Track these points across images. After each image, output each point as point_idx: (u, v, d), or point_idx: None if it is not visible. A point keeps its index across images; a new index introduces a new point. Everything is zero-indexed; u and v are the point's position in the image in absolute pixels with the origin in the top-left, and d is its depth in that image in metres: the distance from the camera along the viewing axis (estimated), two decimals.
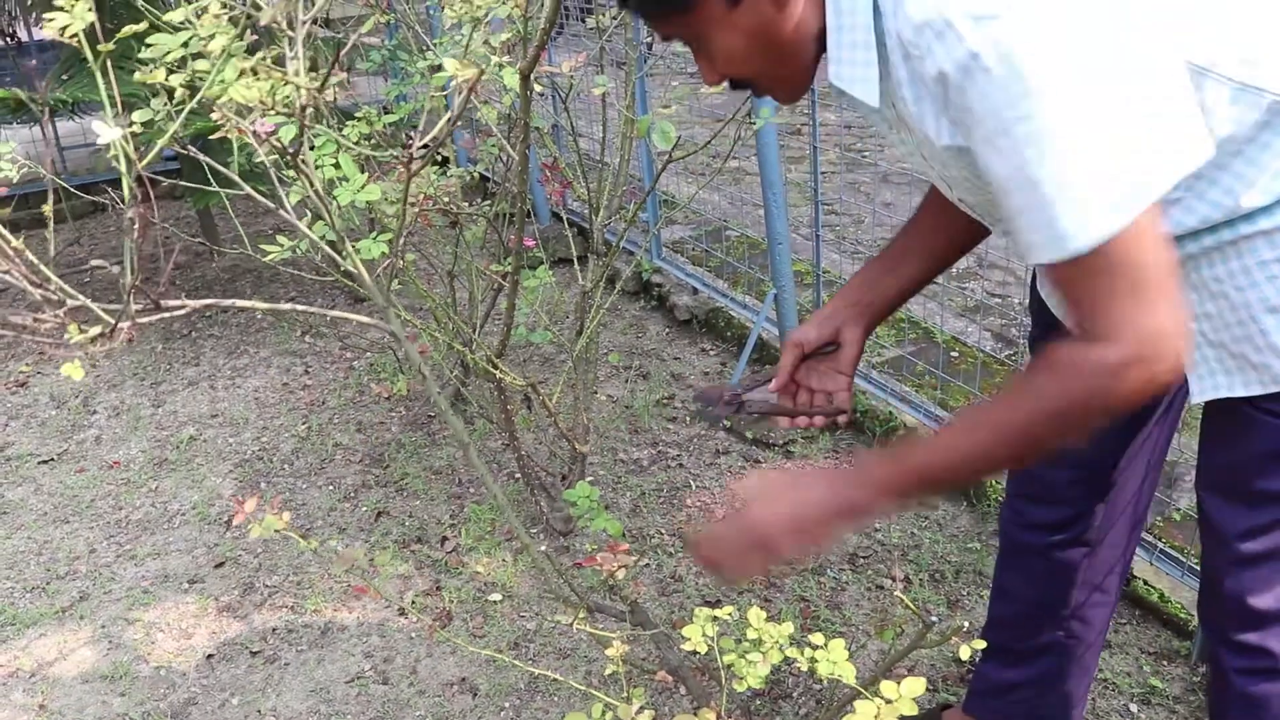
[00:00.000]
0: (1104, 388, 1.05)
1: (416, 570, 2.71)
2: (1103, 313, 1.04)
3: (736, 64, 1.19)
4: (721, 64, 1.20)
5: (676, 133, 2.03)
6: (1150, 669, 2.23)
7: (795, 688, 2.25)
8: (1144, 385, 1.04)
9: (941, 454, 1.16)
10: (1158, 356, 1.03)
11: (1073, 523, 1.67)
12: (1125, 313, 1.03)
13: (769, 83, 1.23)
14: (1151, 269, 1.02)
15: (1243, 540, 1.35)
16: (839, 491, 1.19)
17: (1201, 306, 1.25)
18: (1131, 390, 1.05)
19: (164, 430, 3.53)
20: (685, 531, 1.20)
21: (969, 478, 1.16)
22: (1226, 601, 1.41)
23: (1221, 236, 1.19)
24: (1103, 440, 1.57)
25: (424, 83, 2.67)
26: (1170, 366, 1.04)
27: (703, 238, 4.40)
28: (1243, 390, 1.25)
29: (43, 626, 2.61)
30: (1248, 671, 1.43)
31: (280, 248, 2.12)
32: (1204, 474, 1.42)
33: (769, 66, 1.19)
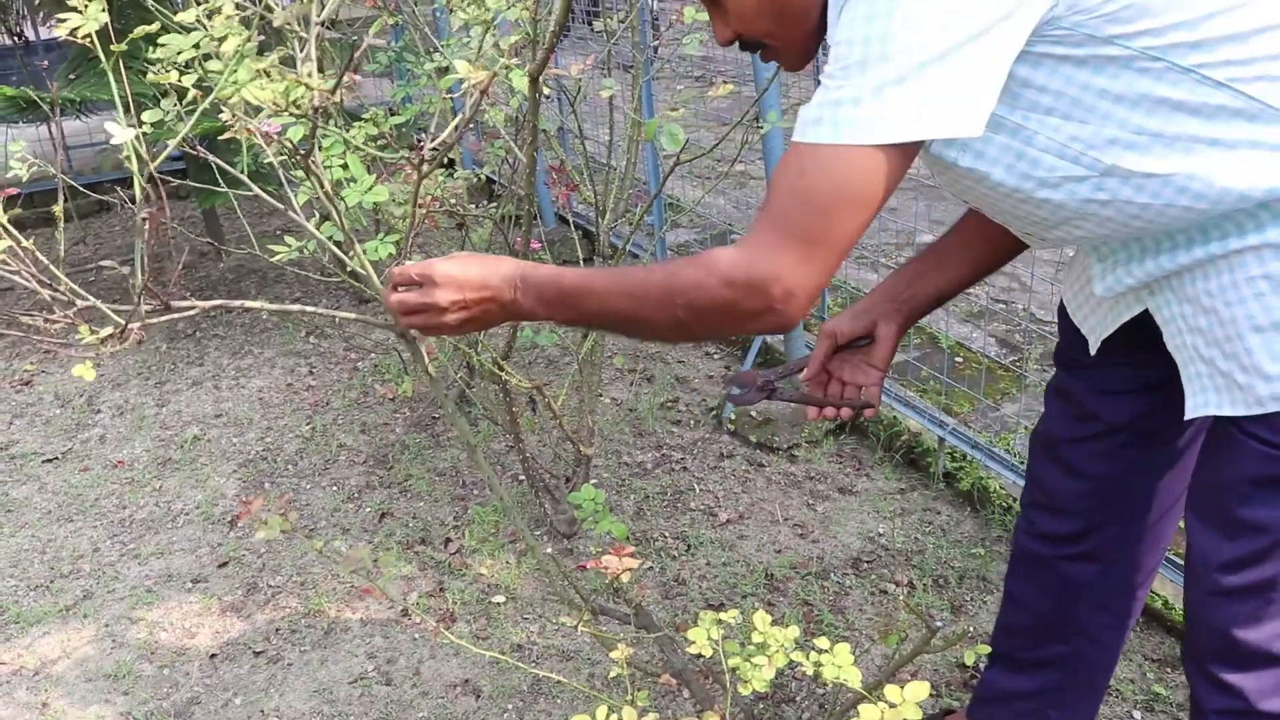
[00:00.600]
0: (702, 288, 1.11)
1: (420, 571, 2.71)
2: (758, 221, 1.10)
3: (748, 20, 1.25)
4: (734, 20, 1.26)
5: (684, 136, 2.03)
6: (1154, 676, 2.23)
7: (799, 691, 2.25)
8: (737, 311, 1.10)
9: (585, 284, 1.20)
10: (761, 294, 1.07)
11: (1082, 537, 1.65)
12: (766, 238, 1.08)
13: (777, 44, 1.28)
14: (829, 218, 1.05)
15: (1222, 572, 1.31)
16: (502, 282, 1.23)
17: (1194, 320, 1.24)
18: (725, 306, 1.10)
19: (168, 430, 3.53)
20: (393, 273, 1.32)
21: (600, 321, 1.21)
22: (1206, 635, 1.37)
23: (1212, 250, 1.18)
24: (1115, 456, 1.56)
25: (431, 85, 2.68)
26: (771, 313, 1.08)
27: (708, 241, 4.40)
28: (1229, 409, 1.23)
29: (46, 625, 2.61)
30: (1225, 713, 1.38)
31: (287, 248, 2.13)
32: (1192, 495, 1.40)
33: (777, 27, 1.25)
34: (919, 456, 3.00)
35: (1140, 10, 1.07)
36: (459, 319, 1.24)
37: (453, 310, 1.23)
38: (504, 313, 1.25)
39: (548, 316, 1.24)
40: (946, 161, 1.19)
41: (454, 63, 1.19)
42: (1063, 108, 1.12)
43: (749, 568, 2.64)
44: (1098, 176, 1.16)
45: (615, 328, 1.25)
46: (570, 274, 1.21)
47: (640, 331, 1.25)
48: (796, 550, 2.70)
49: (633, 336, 1.34)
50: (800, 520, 2.83)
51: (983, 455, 2.81)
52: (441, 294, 1.22)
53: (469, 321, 1.26)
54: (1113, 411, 1.54)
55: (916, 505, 2.85)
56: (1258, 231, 1.15)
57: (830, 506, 2.88)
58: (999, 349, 3.45)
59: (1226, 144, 1.11)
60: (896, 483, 2.96)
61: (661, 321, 1.16)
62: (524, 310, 1.24)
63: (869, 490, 2.94)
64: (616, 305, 1.18)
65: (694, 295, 1.12)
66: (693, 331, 1.18)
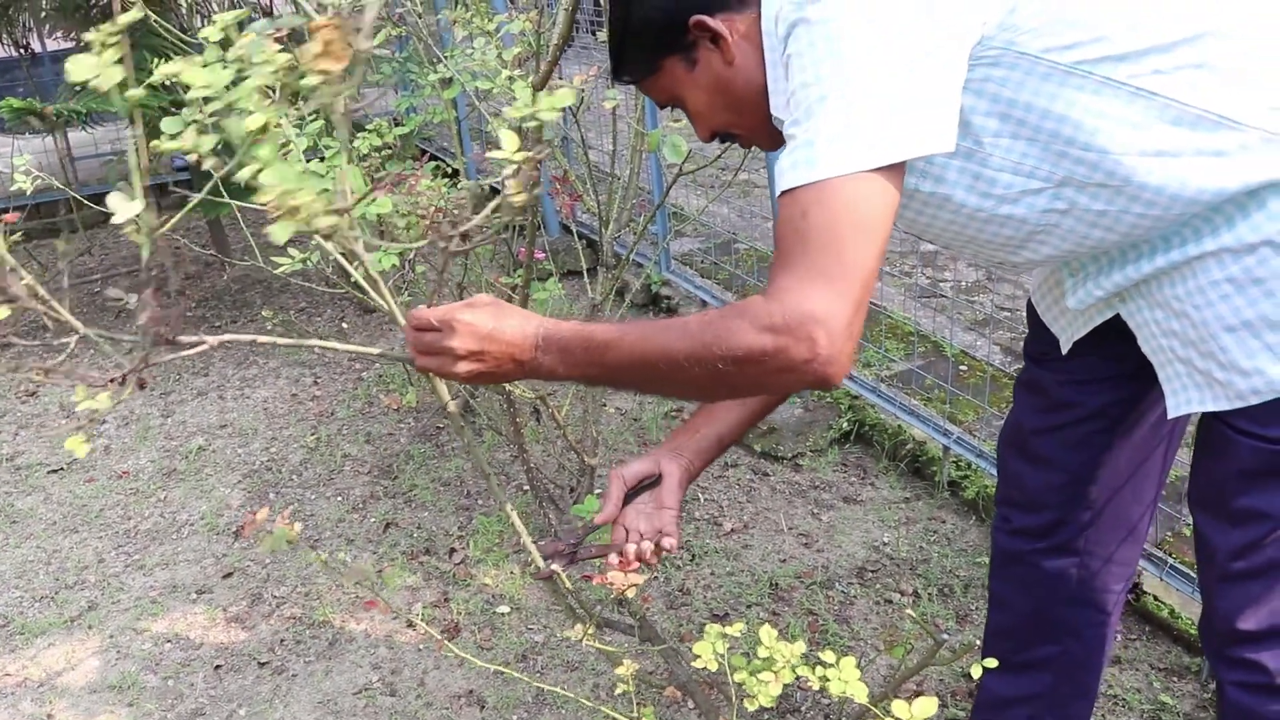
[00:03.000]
0: (741, 335, 1.05)
1: (424, 582, 2.71)
2: (780, 267, 1.06)
3: (712, 118, 1.35)
4: (702, 120, 1.36)
5: (687, 146, 2.03)
6: (1160, 685, 2.22)
7: (804, 702, 2.24)
8: (780, 360, 1.03)
9: (613, 339, 1.14)
10: (803, 337, 1.02)
11: (1055, 529, 1.67)
12: (786, 283, 1.04)
13: (746, 133, 1.37)
14: (840, 249, 1.03)
15: (1231, 559, 1.36)
16: (524, 345, 1.17)
17: (1167, 323, 1.28)
18: (766, 354, 1.03)
19: (173, 440, 3.53)
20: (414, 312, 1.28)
21: (629, 376, 1.16)
22: (1220, 618, 1.41)
23: (1173, 258, 1.22)
24: (1085, 444, 1.60)
25: (435, 95, 2.69)
26: (816, 360, 1.02)
27: (712, 250, 4.40)
28: (1212, 405, 1.27)
29: (51, 636, 2.61)
30: (1245, 686, 1.43)
31: (291, 260, 2.13)
32: (1193, 490, 1.44)
33: (737, 118, 1.33)
34: (924, 465, 3.00)
35: (1066, 25, 1.11)
36: (471, 370, 1.20)
37: (468, 360, 1.19)
38: (521, 370, 1.20)
39: (568, 376, 1.18)
40: (908, 190, 1.22)
41: (500, 134, 1.17)
42: (1009, 129, 1.17)
43: (754, 577, 2.63)
44: (1054, 187, 1.20)
45: (645, 384, 1.18)
46: (598, 329, 1.16)
47: (672, 387, 1.17)
48: (801, 560, 2.70)
49: (664, 393, 1.25)
50: (805, 529, 2.82)
51: (987, 464, 2.81)
52: (459, 342, 1.17)
53: (483, 375, 1.21)
54: (1082, 399, 1.57)
55: (921, 514, 2.84)
56: (1213, 236, 1.18)
57: (835, 516, 2.87)
58: (1004, 357, 3.44)
59: (1170, 153, 1.14)
60: (901, 491, 2.95)
61: (697, 376, 1.10)
62: (543, 369, 1.18)
63: (874, 499, 2.93)
64: (649, 359, 1.12)
65: (732, 344, 1.06)
66: (732, 385, 1.11)
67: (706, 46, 1.28)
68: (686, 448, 1.56)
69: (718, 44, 1.27)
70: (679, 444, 1.56)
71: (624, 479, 1.54)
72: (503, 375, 1.22)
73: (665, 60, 1.31)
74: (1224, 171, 1.14)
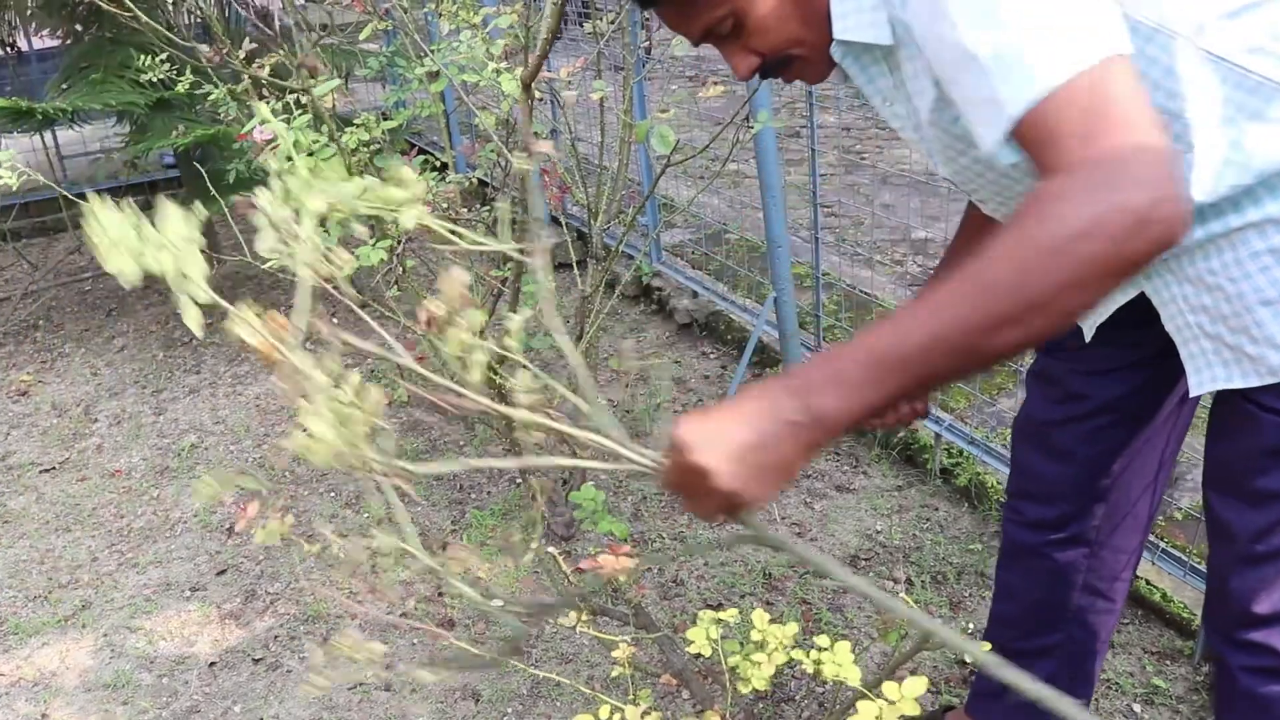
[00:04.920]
0: (1063, 224, 0.87)
1: (418, 577, 2.71)
2: (1059, 157, 0.92)
3: (773, 35, 1.17)
4: (758, 39, 1.17)
5: (675, 137, 2.03)
6: (1153, 669, 2.23)
7: (798, 690, 2.25)
8: (1118, 220, 0.86)
9: (899, 325, 0.92)
10: (1132, 181, 0.87)
11: (1070, 521, 1.67)
12: (1094, 142, 0.90)
13: (805, 52, 1.20)
14: (1121, 106, 0.91)
15: (1253, 540, 1.35)
16: (778, 416, 0.92)
17: (1197, 299, 1.25)
18: (1100, 222, 0.86)
19: (165, 438, 3.53)
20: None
21: (942, 356, 0.90)
22: (1233, 600, 1.40)
23: (1212, 230, 1.19)
24: (1100, 436, 1.58)
25: (423, 89, 2.68)
26: (1155, 193, 0.87)
27: (702, 241, 4.40)
28: (1240, 382, 1.25)
29: (45, 635, 2.61)
30: (1255, 670, 1.42)
31: (279, 255, 2.12)
32: (1209, 471, 1.42)
33: (805, 31, 1.17)
34: (916, 453, 3.00)
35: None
36: (745, 487, 0.94)
37: (731, 477, 0.93)
38: (802, 449, 0.93)
39: (862, 405, 0.92)
40: (971, 137, 1.13)
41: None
42: None
43: (747, 567, 2.64)
44: None
45: (966, 354, 0.91)
46: (866, 334, 0.93)
47: (1009, 333, 0.89)
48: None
49: (990, 353, 0.92)
50: (798, 519, 2.82)
51: (979, 450, 2.81)
52: (714, 481, 0.93)
53: (767, 476, 0.94)
54: (1096, 390, 1.55)
55: (914, 502, 2.85)
56: (1257, 207, 1.16)
57: (828, 505, 2.88)
58: None
59: (1231, 120, 1.12)
60: (894, 480, 2.96)
61: (1031, 301, 0.88)
62: (829, 422, 0.92)
63: (866, 488, 2.94)
64: (967, 317, 0.89)
65: (1057, 232, 0.86)
66: (1073, 283, 0.87)
67: None
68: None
69: None
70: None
71: None
72: (786, 470, 0.94)
73: None
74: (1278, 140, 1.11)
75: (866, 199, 4.94)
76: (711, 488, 0.93)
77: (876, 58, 1.18)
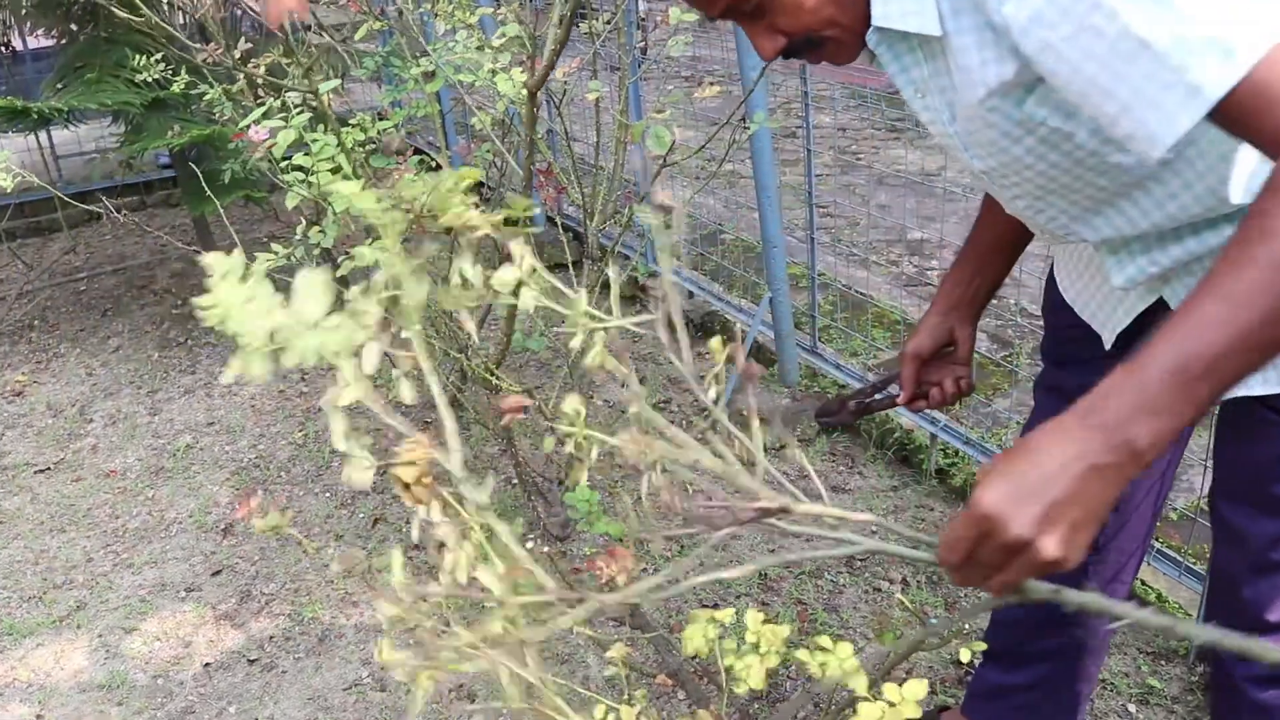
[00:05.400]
0: None
1: (413, 576, 2.71)
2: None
3: (805, 16, 1.13)
4: (786, 19, 1.14)
5: (671, 137, 2.03)
6: (1148, 669, 2.23)
7: (794, 691, 2.25)
8: None
9: (1203, 335, 0.84)
10: None
11: None
12: None
13: (837, 33, 1.17)
14: None
15: (1267, 548, 1.33)
16: (1086, 462, 0.84)
17: None
18: None
19: (160, 438, 3.52)
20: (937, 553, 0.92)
21: (1254, 355, 0.84)
22: (1244, 608, 1.38)
23: (1224, 234, 1.18)
24: None
25: (418, 89, 2.68)
26: None
27: (698, 241, 4.40)
28: (1260, 389, 1.23)
29: (40, 636, 2.60)
30: (1260, 680, 1.40)
31: (275, 255, 2.13)
32: (1220, 477, 1.40)
33: (838, 11, 1.14)
34: (911, 453, 3.00)
35: None
36: (1059, 534, 0.86)
37: (1044, 531, 0.85)
38: (1115, 492, 0.86)
39: (1175, 426, 0.85)
40: (1033, 121, 1.12)
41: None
42: None
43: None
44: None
45: (1273, 346, 0.86)
46: (1152, 350, 0.86)
47: None
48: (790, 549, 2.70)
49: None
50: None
51: (975, 451, 2.81)
52: (1017, 526, 0.85)
53: (1079, 527, 0.86)
54: None
55: (909, 502, 2.85)
56: None
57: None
58: (990, 344, 3.45)
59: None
60: (889, 480, 2.96)
61: None
62: (1145, 455, 0.85)
63: (862, 488, 2.94)
64: (1272, 306, 0.84)
65: None
66: None
67: None
68: (970, 303, 1.56)
69: None
70: (960, 301, 1.56)
71: (920, 358, 1.55)
72: (1102, 507, 0.87)
73: None
74: None
75: (862, 199, 4.94)
76: (1032, 560, 0.86)
77: (913, 46, 1.15)
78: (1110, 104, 0.98)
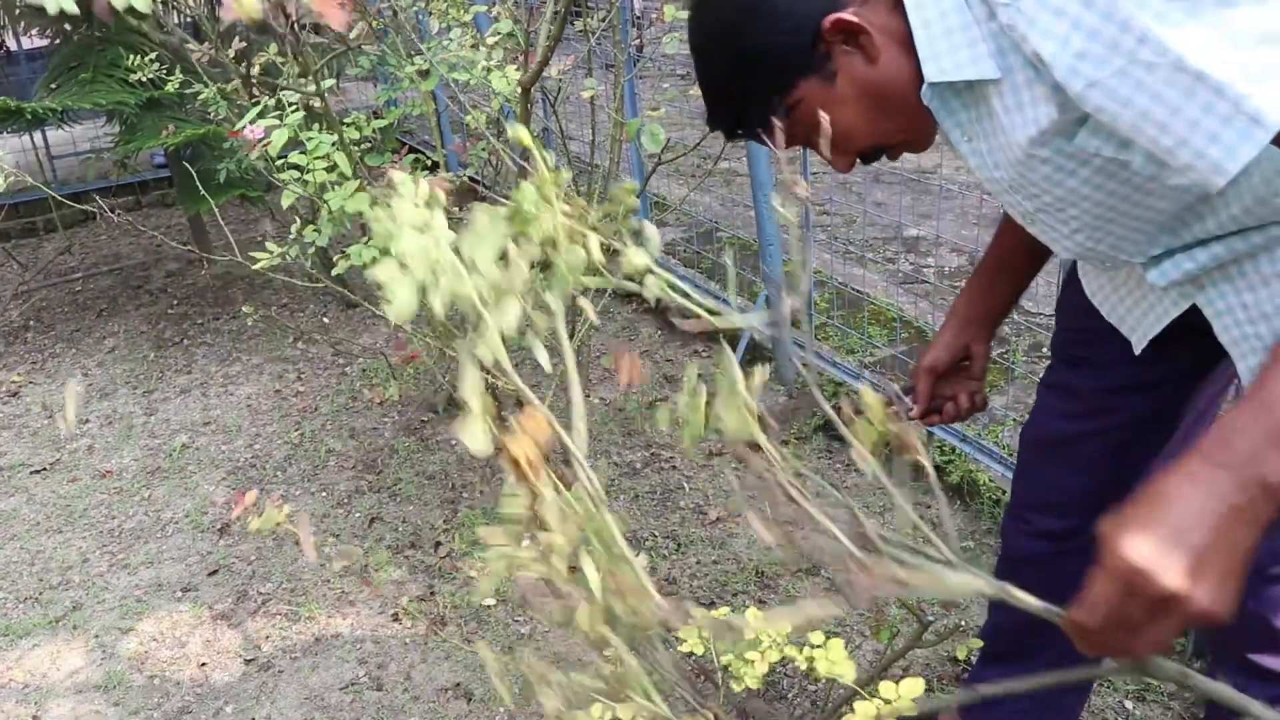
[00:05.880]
0: None
1: (410, 576, 2.71)
2: None
3: (860, 134, 1.18)
4: (844, 143, 1.19)
5: (666, 135, 2.03)
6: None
7: (791, 689, 2.25)
8: None
9: None
10: None
11: (1079, 532, 1.62)
12: None
13: (899, 139, 1.20)
14: None
15: (1273, 561, 1.31)
16: (1224, 503, 0.83)
17: (1258, 307, 1.20)
18: None
19: (156, 439, 3.52)
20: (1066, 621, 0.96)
21: None
22: (1249, 621, 1.36)
23: (1271, 234, 1.16)
24: (1121, 452, 1.55)
25: (414, 88, 2.68)
26: None
27: (694, 240, 4.40)
28: None
29: (36, 637, 2.60)
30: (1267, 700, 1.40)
31: (269, 254, 2.12)
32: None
33: (889, 120, 1.17)
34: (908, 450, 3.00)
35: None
36: (1208, 593, 0.82)
37: (1202, 611, 0.82)
38: (1255, 533, 0.84)
39: None
40: (1086, 153, 1.10)
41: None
42: None
43: (739, 565, 2.64)
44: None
45: None
46: (1274, 374, 0.86)
47: None
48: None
49: None
50: (789, 518, 2.82)
51: (971, 448, 2.82)
52: (1167, 579, 0.82)
53: (1227, 579, 0.83)
54: (1121, 406, 1.51)
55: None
56: None
57: (819, 503, 2.87)
58: None
59: None
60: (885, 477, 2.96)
61: None
62: (1273, 483, 0.83)
63: (858, 485, 2.94)
64: None
65: None
66: None
67: (843, 51, 1.13)
68: (986, 318, 1.55)
69: (857, 42, 1.12)
70: (975, 315, 1.55)
71: (935, 372, 1.55)
72: (1245, 550, 0.84)
73: (798, 86, 1.15)
74: None
75: (859, 197, 4.94)
76: (1184, 614, 0.82)
77: (958, 90, 1.14)
78: (1166, 137, 0.97)
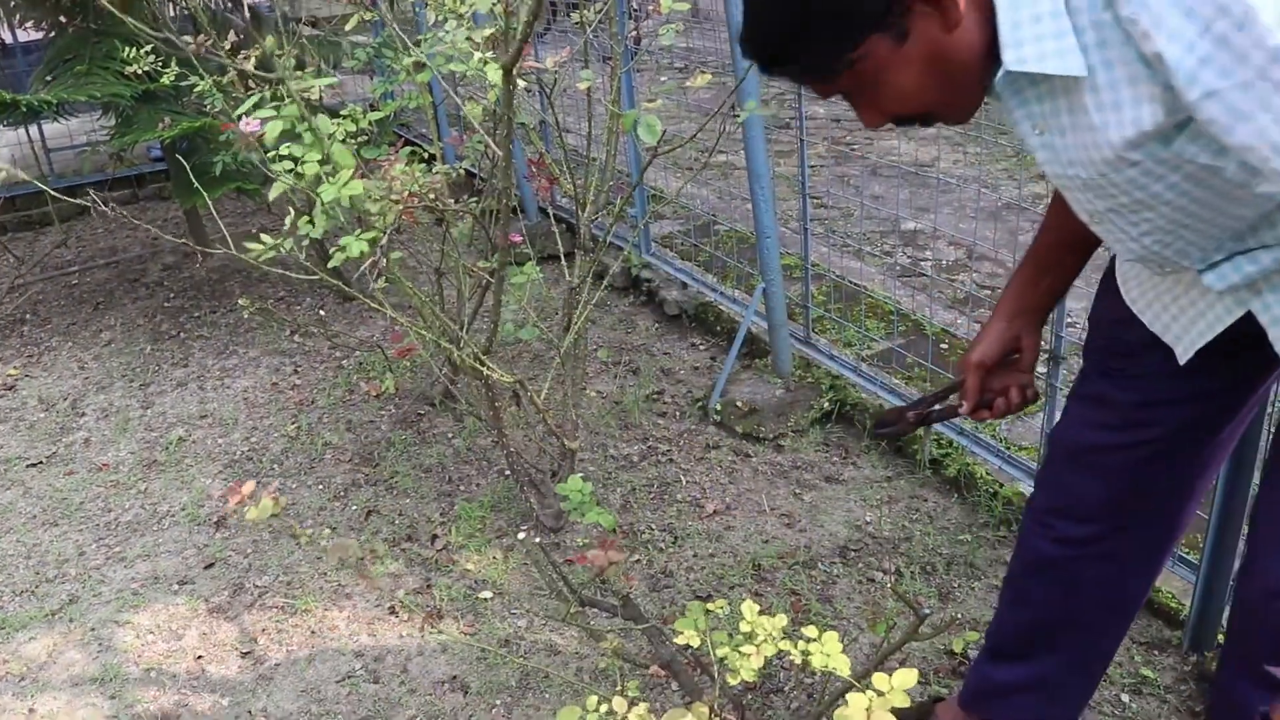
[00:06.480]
0: None
1: (407, 568, 2.71)
2: None
3: (910, 99, 1.17)
4: (891, 103, 1.18)
5: (662, 127, 2.02)
6: (1141, 659, 2.23)
7: (787, 681, 2.25)
8: None
9: None
10: None
11: (1103, 539, 1.62)
12: None
13: (942, 109, 1.20)
14: None
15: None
16: None
17: None
18: None
19: (153, 431, 3.51)
20: None
21: None
22: (1265, 636, 1.37)
23: None
24: (1151, 463, 1.54)
25: (410, 80, 2.67)
26: None
27: (691, 232, 4.39)
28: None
29: (32, 630, 2.60)
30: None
31: (264, 245, 2.12)
32: (1265, 507, 1.38)
33: (944, 91, 1.16)
34: (905, 444, 3.00)
35: None
36: None
37: None
38: None
39: None
40: (1182, 159, 1.10)
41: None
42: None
43: (736, 558, 2.64)
44: None
45: None
46: None
47: None
48: (783, 540, 2.70)
49: None
50: (787, 510, 2.82)
51: (969, 441, 2.82)
52: None
53: None
54: (1157, 419, 1.50)
55: (903, 492, 2.85)
56: None
57: (817, 495, 2.88)
58: None
59: None
60: (883, 470, 2.96)
61: None
62: None
63: (855, 478, 2.94)
64: None
65: None
66: None
67: (922, 12, 1.10)
68: (1034, 310, 1.54)
69: (939, 4, 1.09)
70: (1023, 308, 1.54)
71: (984, 367, 1.54)
72: None
73: (868, 40, 1.12)
74: None
75: (856, 190, 4.93)
76: None
77: (1035, 80, 1.13)
78: (1279, 158, 0.97)
